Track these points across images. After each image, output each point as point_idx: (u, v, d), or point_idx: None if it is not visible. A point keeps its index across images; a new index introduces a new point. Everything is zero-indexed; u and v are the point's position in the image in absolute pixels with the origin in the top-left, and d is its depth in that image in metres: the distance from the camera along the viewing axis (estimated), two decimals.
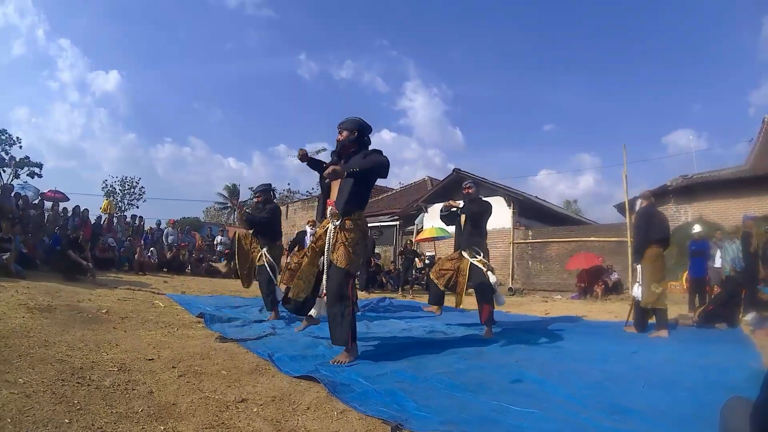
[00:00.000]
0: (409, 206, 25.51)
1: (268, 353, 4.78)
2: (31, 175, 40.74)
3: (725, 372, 4.67)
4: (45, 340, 4.70)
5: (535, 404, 3.44)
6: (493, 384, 4.08)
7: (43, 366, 3.80)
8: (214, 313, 7.47)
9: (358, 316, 8.52)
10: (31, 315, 5.93)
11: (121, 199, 53.03)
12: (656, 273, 7.58)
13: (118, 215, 23.71)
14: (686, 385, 4.17)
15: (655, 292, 7.48)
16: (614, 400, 3.69)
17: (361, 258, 5.09)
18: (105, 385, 3.47)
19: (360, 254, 5.00)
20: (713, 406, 2.58)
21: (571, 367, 4.85)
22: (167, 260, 17.74)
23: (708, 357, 5.54)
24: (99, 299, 8.10)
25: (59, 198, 19.61)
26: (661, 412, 3.40)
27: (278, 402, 3.41)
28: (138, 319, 6.65)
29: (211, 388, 3.64)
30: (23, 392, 3.11)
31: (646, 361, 5.33)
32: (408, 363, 4.76)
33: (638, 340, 6.71)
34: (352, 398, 3.44)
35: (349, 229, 4.83)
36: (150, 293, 10.00)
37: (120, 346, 4.82)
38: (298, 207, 31.96)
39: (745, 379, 4.21)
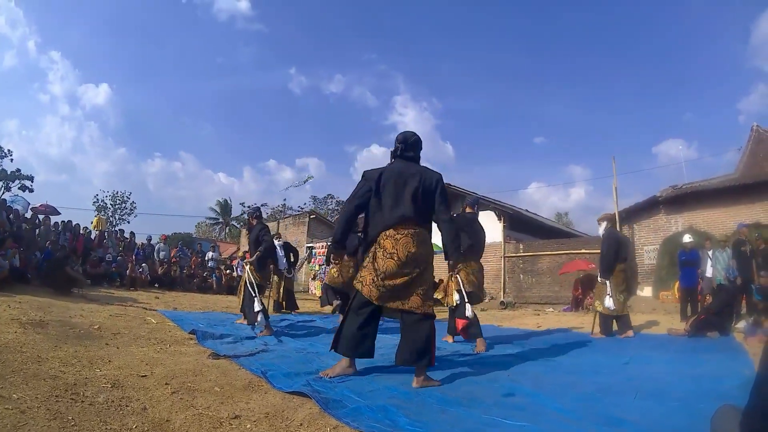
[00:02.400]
0: None
1: (261, 370, 4.78)
2: (22, 188, 40.68)
3: (717, 381, 4.69)
4: (38, 356, 4.72)
5: (528, 417, 3.45)
6: (485, 398, 4.09)
7: (36, 382, 3.80)
8: (206, 329, 7.46)
9: None
10: (24, 330, 5.94)
11: (113, 214, 52.92)
12: (620, 285, 8.91)
13: (109, 230, 23.61)
14: (678, 395, 4.19)
15: (620, 301, 8.74)
16: (606, 411, 3.70)
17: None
18: (99, 401, 3.48)
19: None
20: (705, 415, 2.61)
21: (564, 380, 4.88)
22: (158, 276, 17.68)
23: (700, 366, 5.58)
24: (91, 315, 8.09)
25: (50, 212, 19.51)
26: (654, 423, 3.42)
27: (271, 418, 3.41)
28: (130, 335, 6.65)
29: (204, 404, 3.65)
30: (18, 408, 3.12)
31: (638, 372, 5.35)
32: (400, 378, 4.76)
33: (630, 352, 6.72)
34: (344, 414, 3.44)
35: None
36: (142, 309, 9.99)
37: (113, 363, 4.83)
38: (289, 223, 31.92)
39: (737, 387, 4.24)
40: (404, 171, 4.87)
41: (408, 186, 4.77)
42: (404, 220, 4.71)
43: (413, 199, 4.72)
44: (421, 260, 4.74)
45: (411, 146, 5.06)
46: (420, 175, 4.83)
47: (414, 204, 4.72)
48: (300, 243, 29.14)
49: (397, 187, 4.79)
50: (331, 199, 62.13)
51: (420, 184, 4.76)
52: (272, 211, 56.24)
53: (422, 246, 4.74)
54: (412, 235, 4.70)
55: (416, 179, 4.79)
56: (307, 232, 29.56)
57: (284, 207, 54.86)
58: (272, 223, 32.71)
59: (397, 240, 4.68)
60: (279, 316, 11.03)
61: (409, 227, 4.73)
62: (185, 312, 10.21)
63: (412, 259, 4.66)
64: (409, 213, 4.71)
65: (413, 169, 4.89)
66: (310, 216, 31.47)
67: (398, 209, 4.73)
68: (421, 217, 4.80)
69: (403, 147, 5.02)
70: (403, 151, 5.03)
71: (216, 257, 20.19)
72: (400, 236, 4.69)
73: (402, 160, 5.00)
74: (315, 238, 28.72)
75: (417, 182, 4.77)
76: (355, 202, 4.91)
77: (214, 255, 20.65)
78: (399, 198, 4.75)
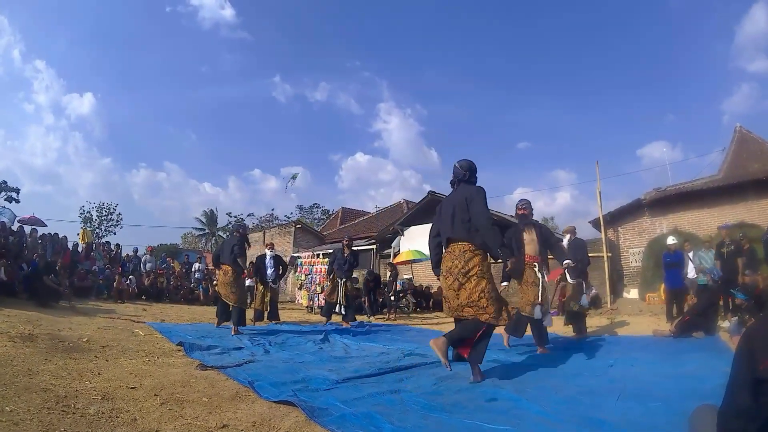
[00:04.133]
0: (385, 229, 25.42)
1: (248, 380, 4.84)
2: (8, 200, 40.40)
3: (700, 380, 4.74)
4: (28, 369, 4.75)
5: (509, 421, 3.52)
6: (468, 403, 4.15)
7: (28, 394, 3.85)
8: (193, 341, 7.51)
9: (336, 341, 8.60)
10: (13, 344, 5.97)
11: (99, 226, 52.55)
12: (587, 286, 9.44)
13: (96, 243, 23.50)
14: (660, 395, 4.25)
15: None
16: (587, 413, 3.77)
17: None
18: (90, 413, 3.53)
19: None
20: (685, 415, 2.68)
21: (547, 384, 4.95)
22: (145, 287, 17.62)
23: (683, 366, 5.63)
24: (79, 328, 8.11)
25: (36, 224, 19.39)
26: (634, 423, 3.49)
27: (258, 427, 3.48)
28: (119, 347, 6.68)
29: (193, 414, 3.70)
30: (11, 420, 3.17)
31: (622, 373, 5.40)
32: (385, 386, 4.82)
33: (615, 354, 6.77)
34: (330, 421, 3.50)
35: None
36: (130, 321, 10.01)
37: (102, 375, 4.87)
38: (275, 233, 31.77)
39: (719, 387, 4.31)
40: (448, 199, 5.75)
41: (448, 209, 5.52)
42: (449, 241, 5.46)
43: (451, 220, 5.40)
44: (455, 271, 5.28)
45: (455, 174, 5.79)
46: (457, 196, 5.56)
47: (452, 224, 5.40)
48: (286, 252, 29.10)
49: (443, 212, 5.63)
50: (317, 208, 61.99)
51: (456, 205, 5.44)
52: (259, 220, 56.11)
53: (457, 259, 5.29)
54: (449, 252, 5.42)
55: (453, 202, 5.53)
56: (293, 241, 29.48)
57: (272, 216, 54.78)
58: (258, 233, 32.61)
59: (444, 258, 5.48)
60: (266, 326, 11.06)
61: (452, 245, 5.43)
62: (173, 324, 10.23)
63: (449, 272, 5.34)
64: (448, 233, 5.45)
65: (456, 194, 5.64)
66: (296, 225, 31.36)
67: (444, 232, 5.54)
68: (464, 232, 5.35)
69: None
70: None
71: (202, 268, 20.09)
72: (447, 254, 5.44)
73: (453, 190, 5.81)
74: (301, 247, 28.67)
75: (453, 204, 5.49)
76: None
77: (200, 266, 20.56)
78: (444, 222, 5.54)
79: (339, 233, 32.38)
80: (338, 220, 38.71)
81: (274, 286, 12.37)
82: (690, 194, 17.08)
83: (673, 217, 17.12)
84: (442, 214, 5.60)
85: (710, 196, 16.59)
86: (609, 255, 16.02)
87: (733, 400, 2.01)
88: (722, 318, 9.65)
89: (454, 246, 5.37)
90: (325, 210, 59.87)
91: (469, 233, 5.29)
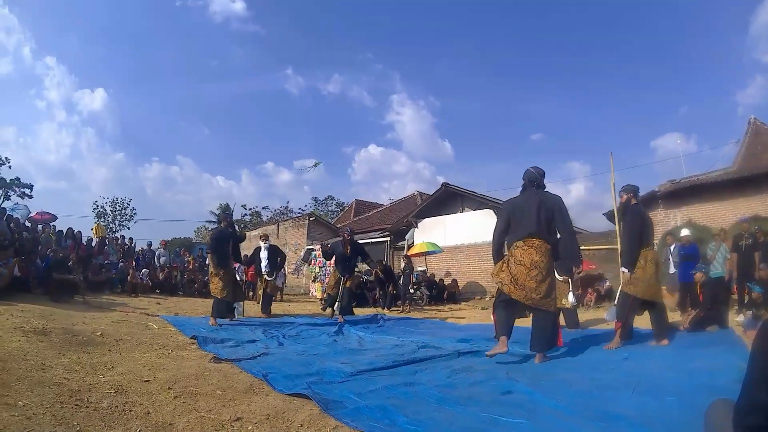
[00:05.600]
0: (399, 221, 25.50)
1: (262, 373, 4.85)
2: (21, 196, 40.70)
3: (714, 375, 4.67)
4: (42, 363, 4.77)
5: (524, 415, 3.50)
6: (482, 396, 4.14)
7: (41, 389, 3.86)
8: (207, 334, 7.53)
9: (351, 334, 8.59)
10: (27, 338, 5.99)
11: (112, 221, 52.82)
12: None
13: (110, 237, 23.59)
14: (674, 389, 4.19)
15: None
16: (602, 407, 3.73)
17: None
18: (103, 406, 3.54)
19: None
20: (700, 410, 2.64)
21: (561, 377, 4.91)
22: (159, 281, 17.67)
23: (697, 361, 5.54)
24: (93, 322, 8.14)
25: (47, 219, 19.41)
26: (649, 418, 3.44)
27: (272, 420, 3.47)
28: (133, 341, 6.70)
29: (206, 407, 3.71)
30: (24, 414, 3.18)
31: (636, 368, 5.34)
32: (399, 378, 4.82)
33: (629, 348, 6.73)
34: (344, 414, 3.49)
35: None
36: (144, 315, 10.04)
37: (116, 369, 4.88)
38: (289, 225, 31.82)
39: (733, 381, 4.26)
40: (529, 198, 6.18)
41: (533, 207, 6.03)
42: (530, 236, 5.94)
43: (537, 218, 5.95)
44: (542, 266, 5.85)
45: (530, 177, 6.35)
46: (542, 199, 6.10)
47: (538, 222, 5.94)
48: (300, 245, 29.19)
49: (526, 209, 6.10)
50: (332, 201, 62.01)
51: (542, 207, 6.01)
52: (273, 213, 56.15)
53: (543, 255, 5.89)
54: (535, 247, 5.91)
55: (539, 203, 6.04)
56: (307, 234, 29.51)
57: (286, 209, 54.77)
58: (272, 226, 32.69)
59: (524, 250, 5.91)
60: (279, 319, 11.05)
61: (533, 240, 5.94)
62: (187, 317, 10.25)
63: (534, 265, 5.83)
64: (533, 228, 5.94)
65: (538, 196, 6.15)
66: (309, 218, 31.37)
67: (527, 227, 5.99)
68: (545, 232, 5.99)
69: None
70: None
71: None
72: (527, 247, 5.91)
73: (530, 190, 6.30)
74: (315, 240, 28.65)
75: (539, 205, 6.02)
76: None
77: None
78: (529, 218, 6.01)
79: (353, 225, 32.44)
80: (352, 212, 38.86)
81: (269, 278, 12.28)
82: (704, 186, 16.95)
83: (688, 209, 17.01)
84: (525, 211, 6.07)
85: (725, 189, 16.45)
86: None
87: (750, 395, 1.96)
88: (737, 312, 9.57)
89: (537, 242, 5.92)
90: (339, 202, 59.90)
91: (551, 236, 6.00)
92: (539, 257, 5.86)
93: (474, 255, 21.00)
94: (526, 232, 5.96)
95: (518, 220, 6.10)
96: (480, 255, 20.20)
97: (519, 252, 5.96)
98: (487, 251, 20.07)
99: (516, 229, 6.09)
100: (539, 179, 6.33)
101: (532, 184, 6.30)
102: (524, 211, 6.07)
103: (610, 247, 16.23)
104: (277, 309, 13.39)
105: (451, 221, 22.54)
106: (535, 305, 5.87)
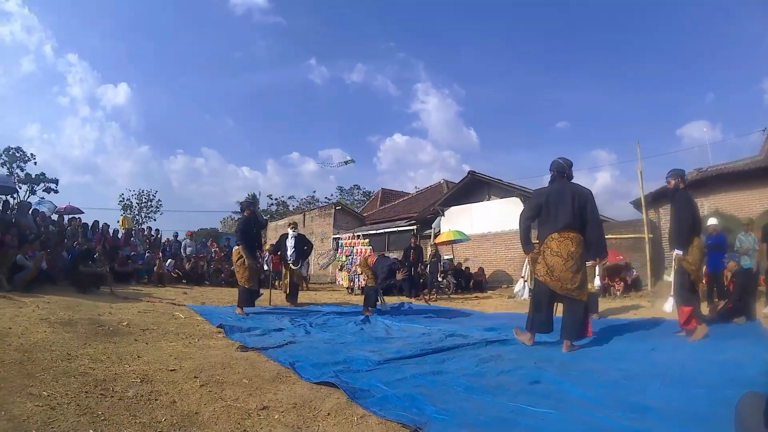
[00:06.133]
0: (425, 210, 25.47)
1: (289, 361, 4.87)
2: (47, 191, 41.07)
3: (742, 367, 4.60)
4: (67, 354, 4.82)
5: (553, 405, 3.48)
6: (511, 386, 4.12)
7: (66, 379, 3.90)
8: (234, 323, 7.58)
9: (378, 322, 8.57)
10: (53, 329, 6.05)
11: (138, 213, 53.28)
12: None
13: (136, 228, 23.77)
14: (703, 381, 4.14)
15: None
16: (631, 398, 3.70)
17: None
18: (128, 396, 3.56)
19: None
20: (729, 402, 2.59)
21: (589, 367, 4.87)
22: (186, 272, 17.76)
23: (725, 353, 5.45)
24: (119, 312, 8.22)
25: (73, 212, 19.57)
26: (678, 410, 3.40)
27: (299, 409, 3.47)
28: (159, 330, 6.75)
29: (232, 396, 3.72)
30: (48, 404, 3.21)
31: (664, 358, 5.28)
32: (427, 367, 4.81)
33: (656, 338, 6.66)
34: (371, 403, 3.50)
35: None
36: (170, 305, 10.11)
37: (142, 358, 4.92)
38: (315, 215, 31.93)
39: (763, 374, 4.19)
40: (562, 189, 6.24)
41: (567, 199, 6.12)
42: (566, 227, 6.04)
43: (572, 210, 6.05)
44: (577, 257, 5.98)
45: (558, 168, 6.47)
46: (574, 191, 6.18)
47: (573, 213, 6.04)
48: (326, 234, 29.30)
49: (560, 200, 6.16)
50: (358, 190, 62.01)
51: (574, 198, 6.11)
52: (299, 203, 56.30)
53: (579, 246, 6.01)
54: (571, 239, 6.01)
55: (571, 194, 6.14)
56: (333, 223, 29.62)
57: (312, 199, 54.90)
58: (299, 216, 32.82)
59: (560, 242, 6.01)
60: (305, 308, 11.09)
61: (569, 232, 6.04)
62: (213, 306, 10.30)
63: (571, 256, 5.95)
64: (568, 220, 6.03)
65: (569, 188, 6.24)
66: (335, 207, 31.44)
67: (563, 218, 6.06)
68: (578, 224, 6.09)
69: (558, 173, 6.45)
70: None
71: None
72: (563, 239, 6.01)
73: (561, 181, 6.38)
74: (341, 229, 28.79)
75: (572, 197, 6.12)
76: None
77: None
78: (564, 209, 6.10)
79: (379, 214, 32.50)
80: (378, 201, 39.00)
81: (294, 267, 12.17)
82: (731, 175, 16.70)
83: (714, 198, 16.77)
84: (559, 202, 6.13)
85: (752, 178, 16.21)
86: (650, 236, 15.68)
87: None
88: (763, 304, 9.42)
89: (573, 234, 6.03)
90: (366, 191, 59.94)
91: (582, 227, 6.08)
92: (575, 248, 5.97)
93: (501, 243, 20.80)
94: (563, 224, 6.05)
95: (553, 211, 6.15)
96: (507, 243, 20.11)
97: (555, 243, 6.04)
98: (513, 239, 20.13)
99: (551, 220, 6.15)
100: (568, 170, 6.43)
101: (561, 175, 6.40)
102: (559, 202, 6.14)
103: (636, 236, 16.11)
104: (303, 298, 13.42)
105: (478, 209, 22.40)
106: (569, 295, 5.96)
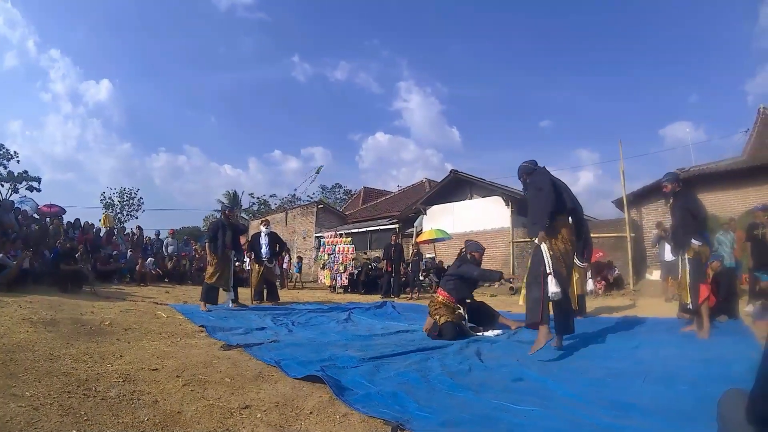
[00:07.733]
0: (407, 209, 25.55)
1: (275, 359, 4.84)
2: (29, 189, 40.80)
3: (726, 364, 4.65)
4: (50, 354, 4.76)
5: (536, 402, 3.48)
6: (494, 383, 4.13)
7: (49, 379, 3.85)
8: (216, 322, 7.56)
9: (360, 320, 8.56)
10: (35, 329, 5.99)
11: (120, 211, 52.96)
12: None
13: (118, 227, 23.63)
14: (687, 379, 4.17)
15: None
16: (615, 396, 3.72)
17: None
18: (111, 396, 3.53)
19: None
20: (713, 399, 2.60)
21: (573, 365, 4.90)
22: (168, 270, 17.68)
23: (709, 350, 5.52)
24: (101, 311, 8.15)
25: (56, 212, 19.40)
26: (662, 407, 3.41)
27: (281, 407, 3.45)
28: (141, 330, 6.70)
29: (215, 395, 3.69)
30: (30, 405, 3.16)
31: (648, 356, 5.30)
32: (411, 365, 4.80)
33: (640, 336, 6.68)
34: (355, 400, 3.49)
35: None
36: (152, 304, 10.05)
37: (124, 357, 4.87)
38: (297, 213, 31.88)
39: (745, 371, 4.22)
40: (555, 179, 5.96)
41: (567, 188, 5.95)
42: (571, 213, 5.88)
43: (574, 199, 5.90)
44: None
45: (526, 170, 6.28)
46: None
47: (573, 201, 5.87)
48: (309, 233, 29.27)
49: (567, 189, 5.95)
50: (339, 188, 61.97)
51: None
52: (281, 201, 56.19)
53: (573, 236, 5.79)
54: (569, 227, 5.80)
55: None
56: (315, 221, 29.59)
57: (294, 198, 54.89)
58: (281, 214, 32.77)
59: (568, 229, 5.77)
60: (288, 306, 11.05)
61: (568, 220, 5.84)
62: (195, 305, 10.22)
63: (572, 244, 5.77)
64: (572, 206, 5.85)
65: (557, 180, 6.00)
66: (318, 206, 31.39)
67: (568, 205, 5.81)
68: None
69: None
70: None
71: None
72: (567, 227, 5.77)
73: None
74: (323, 227, 28.77)
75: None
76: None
77: None
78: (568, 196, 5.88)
79: (361, 213, 32.55)
80: (360, 199, 39.03)
81: (269, 265, 12.16)
82: (714, 175, 16.88)
83: None
84: (563, 188, 5.89)
85: (734, 178, 16.41)
86: (632, 235, 15.81)
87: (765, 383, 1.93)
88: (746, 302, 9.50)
89: (570, 222, 5.85)
90: (347, 190, 59.95)
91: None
92: (573, 237, 5.78)
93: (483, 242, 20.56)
94: (568, 210, 5.84)
95: (571, 198, 5.92)
96: (489, 242, 20.03)
97: (566, 230, 5.73)
98: (497, 237, 20.20)
99: (560, 202, 5.76)
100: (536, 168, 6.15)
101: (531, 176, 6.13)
102: (562, 188, 5.87)
103: (618, 235, 16.21)
104: (285, 296, 13.39)
105: (460, 208, 22.58)
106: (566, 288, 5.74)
